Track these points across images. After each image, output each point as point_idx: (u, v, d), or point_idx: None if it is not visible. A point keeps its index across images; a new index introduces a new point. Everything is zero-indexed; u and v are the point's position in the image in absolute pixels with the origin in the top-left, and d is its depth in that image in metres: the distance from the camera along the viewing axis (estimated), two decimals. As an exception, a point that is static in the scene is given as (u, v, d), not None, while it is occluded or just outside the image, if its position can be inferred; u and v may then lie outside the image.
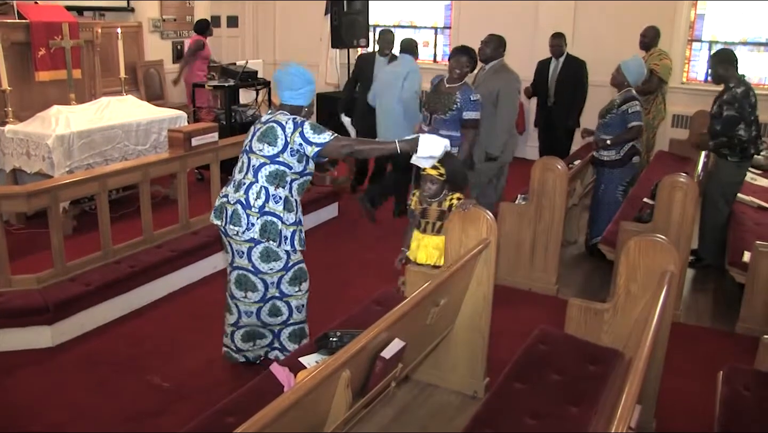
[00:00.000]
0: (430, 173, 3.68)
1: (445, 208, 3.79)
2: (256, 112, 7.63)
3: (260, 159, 3.42)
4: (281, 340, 3.75)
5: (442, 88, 5.35)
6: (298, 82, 3.53)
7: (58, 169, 5.45)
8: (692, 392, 3.69)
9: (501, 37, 5.77)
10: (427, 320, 3.06)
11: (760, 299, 4.40)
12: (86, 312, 4.28)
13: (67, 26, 6.51)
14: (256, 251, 3.44)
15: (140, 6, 9.15)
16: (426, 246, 3.88)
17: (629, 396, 2.08)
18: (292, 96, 3.55)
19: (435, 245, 3.86)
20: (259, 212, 3.38)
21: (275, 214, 3.40)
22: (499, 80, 5.66)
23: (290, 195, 3.47)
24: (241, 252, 3.48)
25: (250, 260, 3.46)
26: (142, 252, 4.92)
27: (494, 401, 2.86)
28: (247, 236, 3.40)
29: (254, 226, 3.38)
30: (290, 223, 3.45)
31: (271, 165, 3.41)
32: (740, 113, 4.92)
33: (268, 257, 3.46)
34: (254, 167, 3.43)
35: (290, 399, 2.00)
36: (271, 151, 3.39)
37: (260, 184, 3.40)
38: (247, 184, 3.42)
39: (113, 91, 7.06)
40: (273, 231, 3.39)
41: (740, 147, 5.02)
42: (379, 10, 10.19)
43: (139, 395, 3.63)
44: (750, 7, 8.14)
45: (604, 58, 7.43)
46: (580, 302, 3.43)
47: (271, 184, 3.41)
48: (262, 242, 3.41)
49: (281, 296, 3.60)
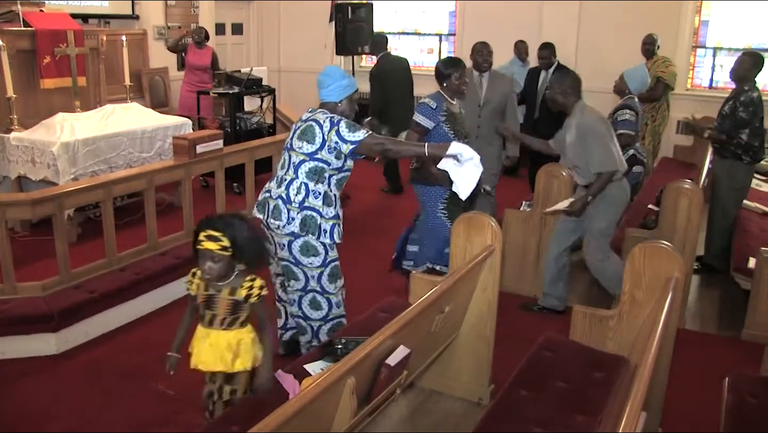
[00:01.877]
0: (208, 247, 2.68)
1: (240, 298, 2.78)
2: (260, 120, 7.65)
3: (300, 156, 3.54)
4: (320, 336, 3.80)
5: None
6: (327, 80, 3.68)
7: (63, 176, 5.45)
8: (698, 399, 3.67)
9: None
10: (432, 327, 3.06)
11: (765, 305, 4.39)
12: (91, 319, 4.29)
13: (73, 34, 6.53)
14: (296, 244, 3.56)
15: (145, 13, 9.19)
16: (214, 345, 2.84)
17: (634, 403, 2.08)
18: (324, 94, 3.68)
19: (227, 343, 2.82)
20: (299, 207, 3.51)
21: (314, 209, 3.53)
22: (507, 84, 5.55)
23: (329, 190, 3.59)
24: (282, 244, 3.61)
25: (291, 252, 3.59)
26: (146, 259, 4.93)
27: (499, 408, 2.86)
28: (288, 230, 3.53)
29: (294, 220, 3.51)
30: (330, 217, 3.57)
31: (310, 162, 3.52)
32: (751, 119, 4.96)
33: (308, 251, 3.58)
34: (294, 164, 3.56)
35: (295, 406, 2.00)
36: (309, 148, 3.52)
37: (300, 180, 3.53)
38: (288, 181, 3.56)
39: (118, 99, 7.07)
40: (312, 225, 3.52)
41: (751, 150, 5.03)
42: (383, 18, 10.21)
43: (145, 403, 3.63)
44: (754, 14, 8.14)
45: (608, 64, 7.45)
46: (585, 309, 3.42)
47: (311, 180, 3.53)
48: (302, 235, 3.53)
49: (322, 292, 3.70)
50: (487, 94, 5.39)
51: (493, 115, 5.40)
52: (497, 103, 5.39)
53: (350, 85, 3.70)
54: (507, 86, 5.51)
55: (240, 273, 2.80)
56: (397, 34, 10.43)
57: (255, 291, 2.78)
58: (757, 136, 5.05)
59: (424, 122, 4.43)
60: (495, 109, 5.39)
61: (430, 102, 4.45)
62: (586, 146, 4.26)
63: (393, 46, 10.30)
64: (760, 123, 5.04)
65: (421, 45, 10.42)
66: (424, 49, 10.41)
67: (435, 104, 4.44)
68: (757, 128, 5.03)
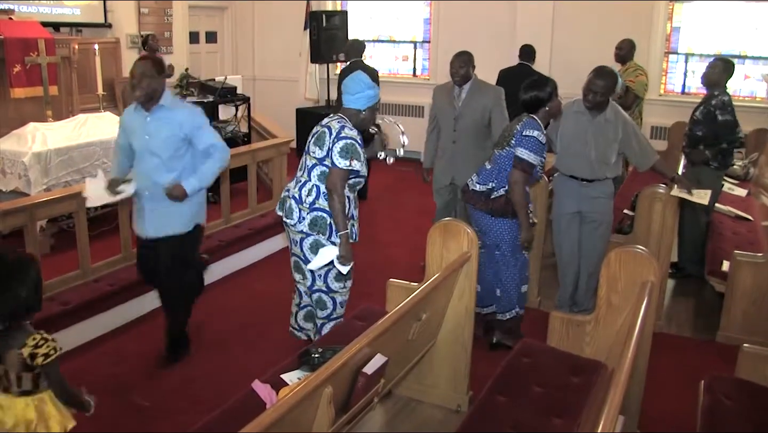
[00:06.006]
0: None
1: (25, 355, 2.36)
2: (235, 129, 7.60)
3: (313, 160, 3.69)
4: (322, 333, 3.86)
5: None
6: (355, 87, 3.72)
7: (35, 187, 5.38)
8: (675, 401, 3.71)
9: (470, 53, 5.22)
10: (409, 334, 3.05)
11: (739, 307, 4.44)
12: (64, 332, 4.20)
13: (44, 42, 6.46)
14: (307, 242, 3.72)
15: (118, 22, 9.09)
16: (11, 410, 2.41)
17: (612, 407, 2.09)
18: (350, 100, 3.73)
19: (22, 413, 2.41)
20: (309, 208, 3.67)
21: (325, 210, 3.66)
22: (489, 97, 5.09)
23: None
24: (295, 241, 3.78)
25: (301, 249, 3.75)
26: (121, 270, 4.87)
27: (478, 414, 2.85)
28: (299, 228, 3.70)
29: (305, 219, 3.68)
30: None
31: (321, 166, 3.66)
32: (733, 117, 5.04)
33: (317, 250, 3.69)
34: (308, 167, 3.72)
35: (272, 417, 1.99)
36: (320, 154, 3.65)
37: (313, 182, 3.69)
38: (303, 182, 3.73)
39: (91, 108, 6.98)
40: (322, 225, 3.67)
41: (721, 154, 5.09)
42: (358, 25, 10.22)
43: (120, 414, 3.58)
44: (725, 20, 8.26)
45: (581, 71, 7.48)
46: (562, 315, 3.45)
47: (322, 183, 3.67)
48: (312, 234, 3.68)
49: (327, 291, 3.83)
50: (463, 107, 5.10)
51: (474, 129, 5.10)
52: (476, 117, 5.06)
53: (376, 95, 3.76)
54: (488, 99, 5.06)
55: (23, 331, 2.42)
56: (372, 42, 10.42)
57: (42, 349, 2.39)
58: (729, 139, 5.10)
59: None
60: (475, 122, 5.07)
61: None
62: (637, 140, 4.40)
63: (367, 54, 10.32)
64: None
65: (396, 52, 10.44)
66: (399, 56, 10.43)
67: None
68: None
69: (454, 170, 5.21)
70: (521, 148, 4.02)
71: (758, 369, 3.10)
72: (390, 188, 8.40)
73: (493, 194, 4.13)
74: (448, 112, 5.18)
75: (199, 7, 10.44)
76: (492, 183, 4.13)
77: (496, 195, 4.13)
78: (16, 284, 2.38)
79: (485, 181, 4.17)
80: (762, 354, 3.14)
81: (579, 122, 4.39)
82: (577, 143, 4.38)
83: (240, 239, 5.77)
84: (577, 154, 4.39)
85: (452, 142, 5.19)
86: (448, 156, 5.25)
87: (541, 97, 4.09)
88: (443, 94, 5.24)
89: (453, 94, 5.14)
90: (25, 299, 2.40)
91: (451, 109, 5.14)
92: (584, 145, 4.34)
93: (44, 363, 2.36)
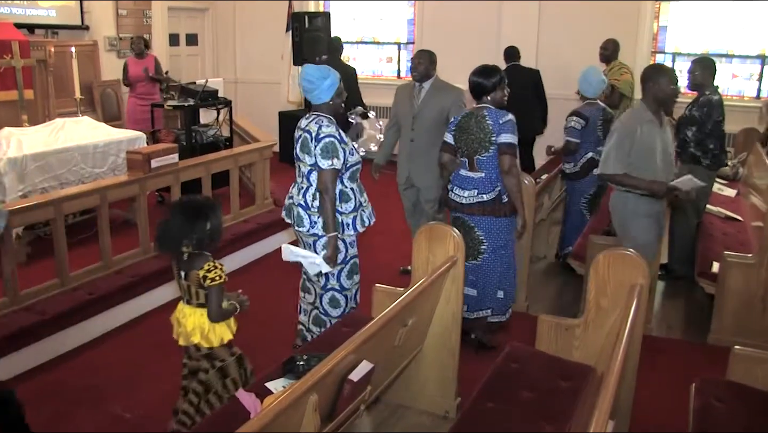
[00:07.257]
0: None
1: (200, 275, 2.98)
2: (217, 132, 7.50)
3: (306, 166, 3.70)
4: None
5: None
6: (310, 85, 3.70)
7: (10, 193, 5.25)
8: (666, 404, 3.68)
9: (432, 52, 5.20)
10: (395, 340, 3.00)
11: (729, 309, 4.42)
12: (42, 342, 4.14)
13: (18, 45, 6.34)
14: (320, 243, 3.74)
15: (95, 24, 8.98)
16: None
17: (602, 411, 2.08)
18: (314, 98, 3.73)
19: (198, 321, 3.06)
20: (318, 211, 3.70)
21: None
22: (448, 97, 5.01)
23: (344, 187, 3.74)
24: (308, 244, 3.81)
25: (315, 251, 3.75)
26: (100, 279, 4.79)
27: (466, 420, 2.82)
28: (312, 232, 3.74)
29: (317, 223, 3.71)
30: (348, 211, 3.76)
31: (316, 170, 3.66)
32: (702, 119, 5.02)
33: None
34: (304, 174, 3.74)
35: (257, 426, 1.96)
36: (310, 160, 3.65)
37: (314, 187, 3.71)
38: (305, 189, 3.74)
39: (68, 112, 6.89)
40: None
41: (712, 154, 5.08)
42: (341, 26, 10.16)
43: (100, 427, 3.51)
44: (712, 19, 8.29)
45: (568, 71, 7.47)
46: (550, 319, 3.41)
47: None
48: (325, 235, 3.70)
49: (341, 289, 3.87)
50: (422, 106, 5.06)
51: (432, 128, 5.01)
52: (434, 116, 5.00)
53: (334, 82, 3.70)
54: (448, 100, 4.98)
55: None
56: (356, 44, 10.38)
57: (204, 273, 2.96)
58: (716, 138, 5.08)
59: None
60: (433, 121, 5.00)
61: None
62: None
63: (351, 56, 10.28)
64: (715, 126, 5.07)
65: (380, 54, 10.40)
66: (383, 58, 10.39)
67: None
68: (711, 131, 5.06)
69: (411, 168, 5.24)
70: (505, 134, 4.03)
71: (749, 371, 3.07)
72: (376, 192, 8.31)
73: (503, 198, 4.12)
74: (407, 111, 5.17)
75: (179, 8, 10.36)
76: (498, 187, 4.11)
77: (506, 199, 4.12)
78: (204, 218, 2.97)
79: (488, 189, 4.11)
80: (753, 356, 3.11)
81: (654, 133, 4.03)
82: (663, 155, 4.09)
83: (221, 246, 5.66)
84: (666, 167, 4.11)
85: (410, 141, 5.19)
86: (405, 154, 5.29)
87: (484, 85, 4.11)
88: (404, 92, 5.27)
89: (413, 92, 5.15)
90: (210, 232, 2.98)
91: (411, 107, 5.14)
92: (667, 156, 4.12)
93: (209, 285, 2.94)
